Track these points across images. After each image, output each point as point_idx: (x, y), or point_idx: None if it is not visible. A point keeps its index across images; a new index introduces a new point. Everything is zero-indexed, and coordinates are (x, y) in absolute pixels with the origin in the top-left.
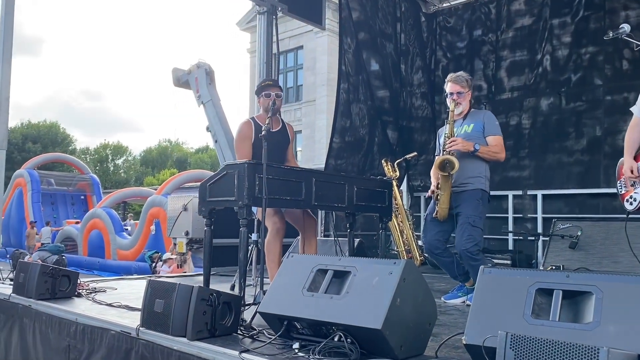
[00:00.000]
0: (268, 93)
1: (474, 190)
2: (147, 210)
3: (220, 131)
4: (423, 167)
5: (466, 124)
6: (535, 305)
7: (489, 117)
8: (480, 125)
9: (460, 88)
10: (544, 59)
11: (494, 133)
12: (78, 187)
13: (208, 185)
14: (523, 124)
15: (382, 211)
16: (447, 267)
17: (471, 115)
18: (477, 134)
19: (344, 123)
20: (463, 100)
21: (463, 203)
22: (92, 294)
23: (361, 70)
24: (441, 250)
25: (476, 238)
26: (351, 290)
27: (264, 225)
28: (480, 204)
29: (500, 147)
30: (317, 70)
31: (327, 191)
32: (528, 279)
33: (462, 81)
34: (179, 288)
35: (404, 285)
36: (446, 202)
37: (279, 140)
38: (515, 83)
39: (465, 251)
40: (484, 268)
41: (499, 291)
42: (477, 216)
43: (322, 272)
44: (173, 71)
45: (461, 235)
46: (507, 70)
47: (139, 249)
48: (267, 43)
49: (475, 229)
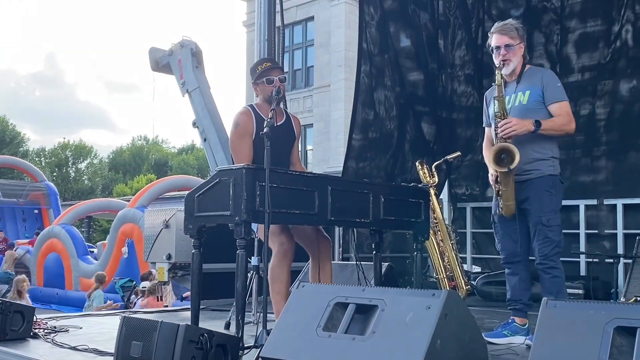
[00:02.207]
0: (270, 79)
1: (542, 178)
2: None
3: (210, 127)
4: (469, 169)
5: (520, 91)
6: (614, 348)
7: (550, 77)
8: (538, 91)
9: (508, 39)
10: (624, 30)
11: (558, 99)
12: (30, 199)
13: (197, 196)
14: (597, 113)
15: (417, 227)
16: (515, 284)
17: (526, 76)
18: (535, 104)
19: (366, 115)
20: (513, 55)
21: (530, 197)
22: (51, 334)
23: (387, 48)
24: (522, 259)
25: (553, 239)
26: (379, 329)
27: (267, 247)
28: (552, 195)
29: (568, 116)
30: (332, 47)
31: (347, 203)
32: (604, 314)
33: (511, 30)
34: (162, 327)
35: (446, 322)
36: (511, 198)
37: (284, 137)
38: (586, 61)
39: (543, 258)
40: (547, 301)
41: (567, 330)
42: (551, 212)
43: (341, 306)
44: (150, 52)
45: (536, 239)
46: (575, 45)
47: (107, 277)
48: (269, 14)
49: (552, 229)
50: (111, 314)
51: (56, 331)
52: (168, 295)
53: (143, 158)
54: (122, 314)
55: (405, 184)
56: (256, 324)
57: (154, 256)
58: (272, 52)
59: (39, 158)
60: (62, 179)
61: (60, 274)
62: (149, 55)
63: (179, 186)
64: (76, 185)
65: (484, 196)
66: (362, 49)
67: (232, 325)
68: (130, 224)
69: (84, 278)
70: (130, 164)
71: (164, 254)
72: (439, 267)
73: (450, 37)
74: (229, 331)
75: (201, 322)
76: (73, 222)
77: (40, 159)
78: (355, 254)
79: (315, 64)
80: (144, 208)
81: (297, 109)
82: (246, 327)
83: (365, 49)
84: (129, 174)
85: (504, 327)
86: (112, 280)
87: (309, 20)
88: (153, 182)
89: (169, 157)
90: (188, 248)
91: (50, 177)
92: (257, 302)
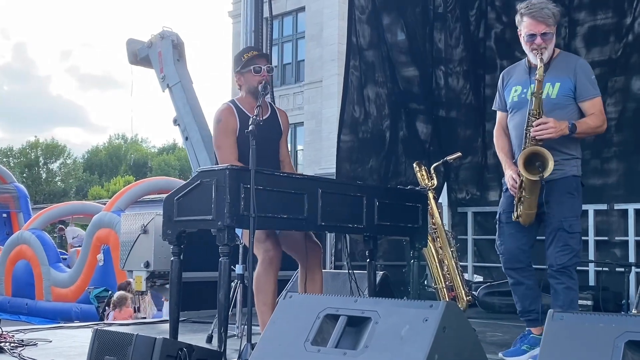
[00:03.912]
0: (257, 67)
1: (565, 179)
2: (92, 233)
3: (193, 124)
4: (469, 172)
5: (549, 82)
6: None
7: (584, 69)
8: (569, 84)
9: (545, 27)
10: (636, 23)
11: (591, 95)
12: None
13: (176, 199)
14: (608, 112)
15: (414, 233)
16: (523, 295)
17: (556, 63)
18: (564, 99)
19: (355, 113)
20: (550, 42)
21: (553, 200)
22: (18, 348)
23: (380, 42)
24: (525, 265)
25: (574, 248)
26: (372, 343)
27: (252, 254)
28: (575, 198)
29: (602, 115)
30: (325, 40)
31: (339, 207)
32: (614, 327)
33: (549, 16)
34: (137, 340)
35: (445, 336)
36: (534, 206)
37: (270, 134)
38: (596, 56)
39: (561, 267)
40: (553, 313)
41: (574, 345)
42: (574, 217)
43: (331, 318)
44: (128, 44)
45: (554, 245)
46: (584, 39)
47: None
48: (256, 4)
49: (573, 236)
50: (84, 326)
51: (24, 345)
52: (147, 306)
53: (121, 158)
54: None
55: (401, 187)
56: (240, 337)
57: (131, 264)
58: (259, 44)
59: (6, 158)
60: (32, 181)
61: (30, 282)
62: (126, 48)
63: (159, 188)
64: (48, 187)
65: (486, 200)
66: (352, 43)
67: (215, 339)
68: (106, 229)
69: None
70: (106, 164)
71: (142, 261)
72: (438, 276)
73: (448, 29)
74: (211, 345)
75: (181, 335)
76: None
77: (9, 158)
78: (348, 261)
79: (306, 58)
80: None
81: (287, 106)
82: (230, 340)
83: (354, 43)
84: (105, 175)
85: (522, 341)
86: (87, 289)
87: (300, 11)
88: (131, 184)
89: (149, 157)
90: (167, 255)
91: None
92: (242, 314)
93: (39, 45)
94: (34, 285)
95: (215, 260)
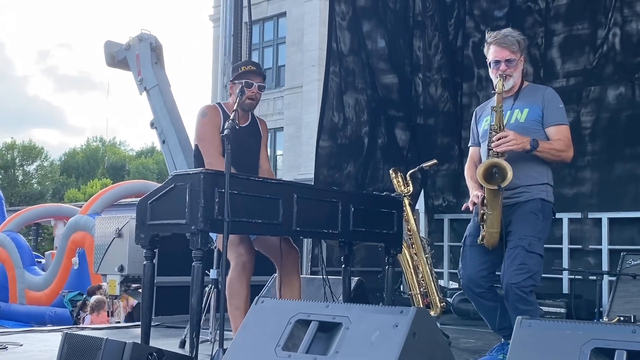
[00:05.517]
0: (249, 82)
1: (533, 201)
2: (68, 236)
3: (170, 128)
4: (446, 179)
5: (517, 108)
6: None
7: (551, 97)
8: (537, 110)
9: (509, 54)
10: (611, 34)
11: (558, 121)
12: None
13: (149, 202)
14: (582, 122)
15: (389, 240)
16: (488, 314)
17: (525, 93)
18: (533, 124)
19: (334, 119)
20: (514, 70)
21: (516, 219)
22: None
23: (360, 49)
24: (485, 289)
25: (531, 269)
26: (342, 349)
27: (226, 259)
28: (539, 219)
29: (567, 142)
30: (306, 45)
31: (314, 212)
32: (581, 334)
33: (512, 43)
34: (107, 345)
35: (415, 342)
36: (497, 225)
37: (248, 141)
38: (571, 67)
39: (514, 287)
40: (521, 319)
41: (541, 352)
42: (535, 237)
43: (303, 323)
44: (106, 46)
45: (510, 263)
46: (560, 49)
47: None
48: (235, 8)
49: (532, 256)
50: (55, 330)
51: None
52: (121, 310)
53: (98, 161)
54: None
55: (377, 193)
56: (212, 342)
57: (105, 268)
58: (238, 49)
59: None
60: (8, 182)
61: (4, 285)
62: (104, 49)
63: (136, 192)
64: (24, 189)
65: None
66: (332, 49)
67: (187, 344)
68: (82, 232)
69: (30, 290)
70: (83, 167)
71: (116, 265)
72: (413, 282)
73: (427, 37)
74: (184, 350)
75: (153, 340)
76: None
77: None
78: (322, 267)
79: (287, 63)
80: (96, 215)
81: (267, 111)
82: (202, 345)
83: (335, 48)
84: (82, 178)
85: (499, 350)
86: (61, 293)
87: (281, 16)
88: (108, 187)
89: (127, 161)
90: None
91: None
92: (214, 319)
93: (16, 45)
94: (7, 288)
95: (188, 264)
